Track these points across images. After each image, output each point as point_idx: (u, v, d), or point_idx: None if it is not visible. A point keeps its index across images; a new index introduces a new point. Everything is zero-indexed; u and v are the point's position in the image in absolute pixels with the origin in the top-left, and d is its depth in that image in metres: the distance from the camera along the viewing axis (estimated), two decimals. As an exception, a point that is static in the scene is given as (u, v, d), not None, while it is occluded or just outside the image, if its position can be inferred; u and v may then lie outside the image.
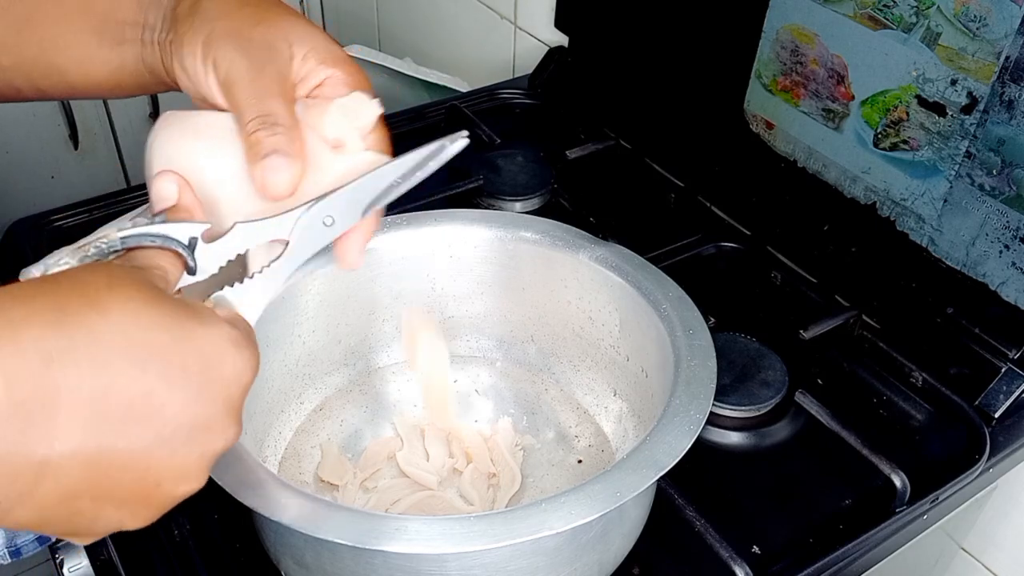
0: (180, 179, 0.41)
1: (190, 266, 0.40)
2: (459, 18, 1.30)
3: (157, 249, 0.39)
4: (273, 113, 0.44)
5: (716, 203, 0.87)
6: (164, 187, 0.41)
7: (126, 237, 0.38)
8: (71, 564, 0.59)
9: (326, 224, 0.43)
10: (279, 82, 0.45)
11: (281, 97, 0.45)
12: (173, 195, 0.41)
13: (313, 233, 0.43)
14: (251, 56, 0.45)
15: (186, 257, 0.39)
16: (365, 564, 0.47)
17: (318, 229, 0.43)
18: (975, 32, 0.62)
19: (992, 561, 0.82)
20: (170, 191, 0.41)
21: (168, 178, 0.41)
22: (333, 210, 0.43)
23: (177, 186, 0.41)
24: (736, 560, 0.54)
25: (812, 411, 0.65)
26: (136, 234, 0.38)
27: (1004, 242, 0.65)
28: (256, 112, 0.44)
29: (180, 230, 0.39)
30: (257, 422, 0.58)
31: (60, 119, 1.40)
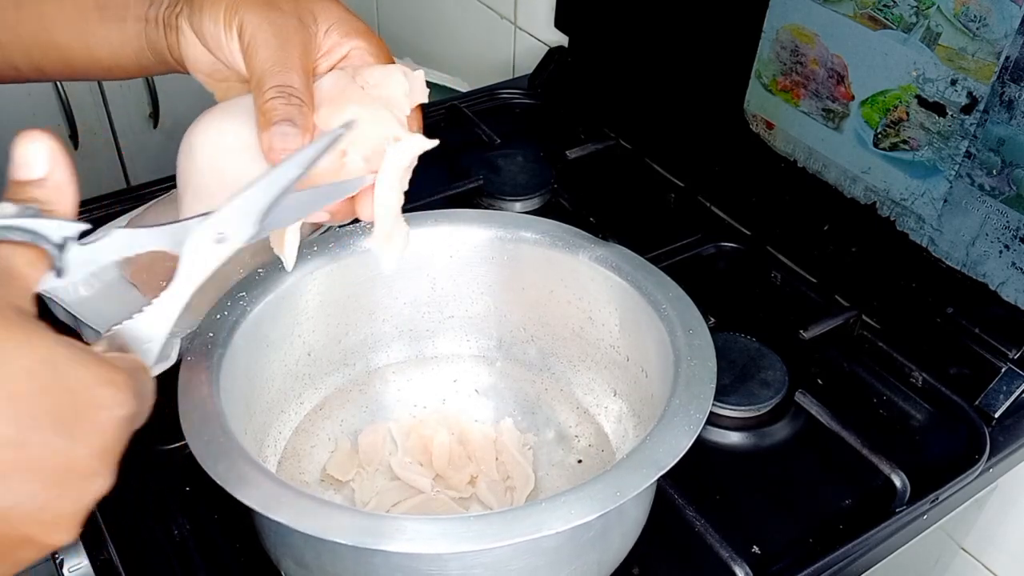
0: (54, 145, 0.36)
1: (57, 267, 0.35)
2: (459, 18, 1.30)
3: (21, 245, 0.34)
4: (292, 85, 0.45)
5: (716, 203, 0.87)
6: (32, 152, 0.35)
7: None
8: (71, 564, 0.59)
9: (218, 240, 0.40)
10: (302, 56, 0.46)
11: (302, 71, 0.45)
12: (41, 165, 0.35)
13: (204, 252, 0.39)
14: (277, 26, 0.46)
15: (54, 257, 0.35)
16: (365, 564, 0.47)
17: (209, 247, 0.39)
18: (975, 32, 0.62)
19: (992, 561, 0.82)
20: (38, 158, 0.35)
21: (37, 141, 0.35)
22: (225, 225, 0.40)
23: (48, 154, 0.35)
24: (736, 560, 0.54)
25: (812, 411, 0.65)
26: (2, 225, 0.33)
27: (1004, 242, 0.65)
28: (277, 81, 0.44)
29: (50, 227, 0.34)
30: (257, 422, 0.58)
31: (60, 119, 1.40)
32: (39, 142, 0.35)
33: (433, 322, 0.67)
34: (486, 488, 0.59)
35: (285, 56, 0.45)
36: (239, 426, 0.51)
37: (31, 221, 0.34)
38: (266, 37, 0.45)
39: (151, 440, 0.61)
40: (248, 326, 0.56)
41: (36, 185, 0.35)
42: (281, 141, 0.44)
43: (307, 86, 0.46)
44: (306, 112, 0.45)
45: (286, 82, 0.45)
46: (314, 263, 0.60)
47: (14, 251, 0.34)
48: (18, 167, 0.35)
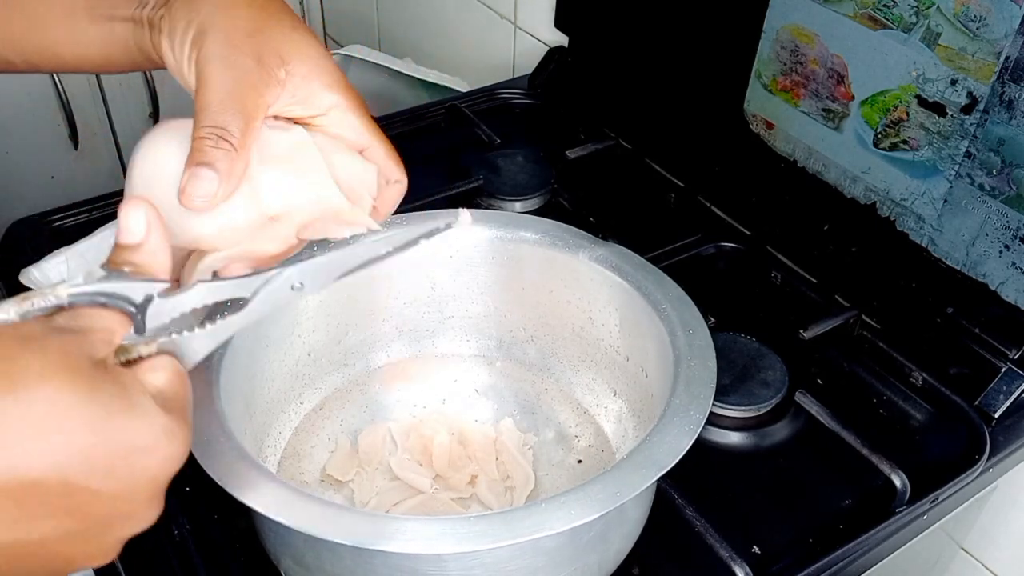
0: (151, 212, 0.38)
1: (139, 327, 0.37)
2: (459, 18, 1.30)
3: (103, 308, 0.36)
4: (226, 128, 0.43)
5: (716, 203, 0.87)
6: (133, 220, 0.38)
7: (75, 295, 0.35)
8: (71, 564, 0.58)
9: (294, 288, 0.41)
10: (250, 100, 0.44)
11: (243, 116, 0.44)
12: (140, 232, 0.38)
13: (279, 296, 0.41)
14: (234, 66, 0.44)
15: (136, 319, 0.37)
16: (365, 564, 0.47)
17: (284, 292, 0.41)
18: (975, 32, 0.62)
19: (992, 561, 0.82)
20: (138, 226, 0.38)
21: (138, 210, 0.38)
22: (304, 277, 0.41)
23: (147, 222, 0.38)
24: (736, 560, 0.54)
25: (812, 411, 0.65)
26: (87, 292, 0.36)
27: (1004, 242, 0.65)
28: (212, 121, 0.43)
29: (136, 288, 0.37)
30: (257, 422, 0.58)
31: (60, 119, 1.40)
32: (139, 209, 0.38)
33: (433, 322, 0.67)
34: (486, 488, 0.59)
35: (229, 97, 0.43)
36: (239, 426, 0.51)
37: (113, 284, 0.36)
38: (216, 76, 0.44)
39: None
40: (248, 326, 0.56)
41: (134, 250, 0.38)
42: (194, 185, 0.43)
43: (245, 131, 0.43)
44: (233, 158, 0.43)
45: (221, 124, 0.43)
46: (314, 263, 0.60)
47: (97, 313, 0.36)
48: (121, 232, 0.38)
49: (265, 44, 0.45)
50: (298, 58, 0.46)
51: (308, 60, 0.46)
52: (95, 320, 0.35)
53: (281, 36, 0.45)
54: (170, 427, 0.34)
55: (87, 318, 0.35)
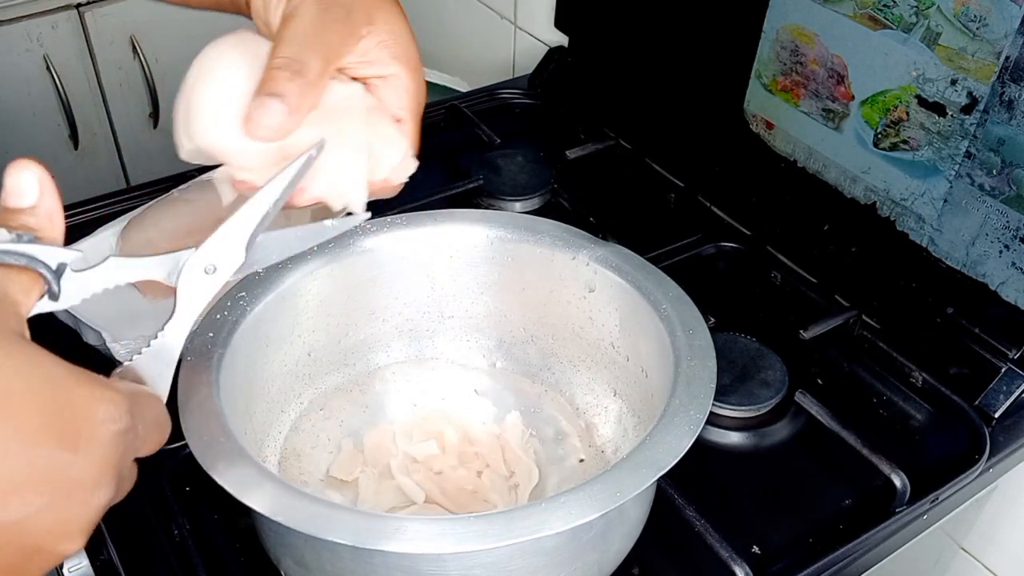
0: (43, 174, 0.37)
1: (53, 291, 0.37)
2: (459, 18, 1.30)
3: (16, 270, 0.35)
4: (305, 63, 0.43)
5: (716, 203, 0.87)
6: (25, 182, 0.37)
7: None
8: (71, 564, 0.58)
9: (207, 272, 0.42)
10: (332, 43, 0.45)
11: (323, 55, 0.44)
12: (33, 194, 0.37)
13: (197, 283, 0.42)
14: (325, 10, 0.45)
15: (50, 281, 0.36)
16: (365, 564, 0.47)
17: (200, 278, 0.42)
18: (975, 32, 0.62)
19: (992, 561, 0.82)
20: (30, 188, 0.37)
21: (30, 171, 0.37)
22: (214, 257, 0.42)
23: (39, 184, 0.37)
24: (736, 560, 0.54)
25: (812, 411, 0.65)
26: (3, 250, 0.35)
27: (1004, 242, 0.65)
28: (291, 53, 0.43)
29: (49, 254, 0.36)
30: (257, 422, 0.58)
31: (60, 119, 1.40)
32: (29, 171, 0.36)
33: (433, 322, 0.67)
34: (490, 485, 0.59)
35: (315, 36, 0.44)
36: (239, 426, 0.51)
37: (27, 246, 0.35)
38: (308, 13, 0.44)
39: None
40: (248, 326, 0.56)
41: (27, 213, 0.36)
42: (261, 113, 0.43)
43: (322, 72, 0.44)
44: (305, 94, 0.43)
45: (300, 58, 0.43)
46: (314, 263, 0.60)
47: (9, 276, 0.35)
48: (9, 195, 0.36)
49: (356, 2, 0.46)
50: (383, 22, 0.47)
51: (390, 28, 0.48)
52: (9, 282, 0.35)
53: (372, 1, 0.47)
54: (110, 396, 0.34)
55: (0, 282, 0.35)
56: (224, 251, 0.42)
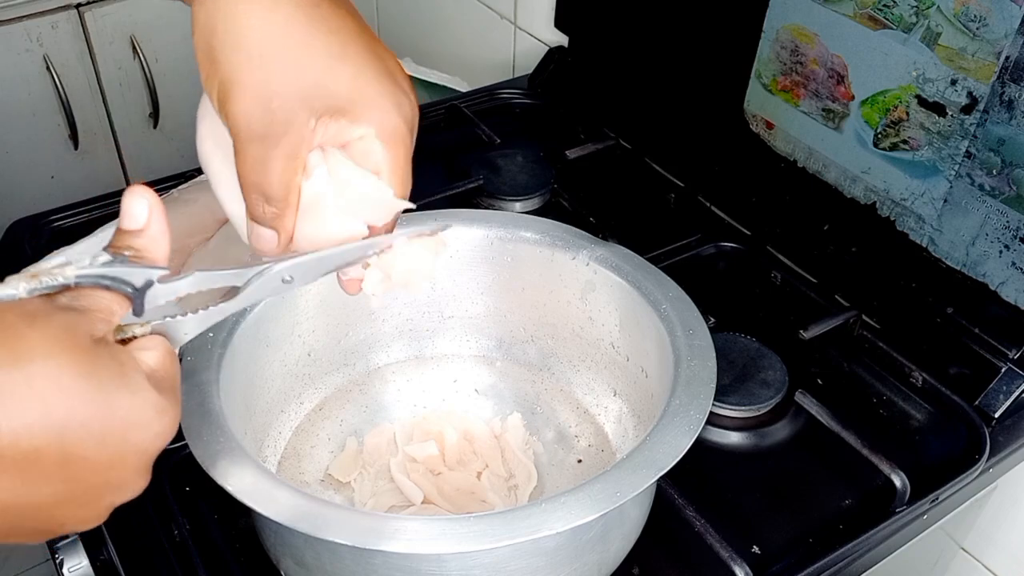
0: (153, 199, 0.40)
1: (137, 310, 0.39)
2: (459, 18, 1.30)
3: (106, 290, 0.38)
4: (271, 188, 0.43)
5: (716, 203, 0.87)
6: (136, 206, 0.39)
7: (81, 276, 0.37)
8: (71, 564, 0.59)
9: (284, 281, 0.44)
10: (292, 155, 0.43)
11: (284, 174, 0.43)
12: (142, 217, 0.39)
13: (270, 287, 0.44)
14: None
15: (135, 302, 0.39)
16: (365, 564, 0.47)
17: (275, 284, 0.44)
18: (975, 32, 0.62)
19: (992, 561, 0.82)
20: (141, 212, 0.39)
21: (141, 197, 0.39)
22: (295, 272, 0.44)
23: (148, 208, 0.39)
24: (736, 560, 0.54)
25: (812, 411, 0.65)
26: (91, 275, 0.38)
27: (1004, 242, 0.65)
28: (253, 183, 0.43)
29: (137, 274, 0.39)
30: (257, 422, 0.58)
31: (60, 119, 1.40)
32: (142, 196, 0.39)
33: (433, 322, 0.67)
34: (488, 487, 0.59)
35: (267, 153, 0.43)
36: (239, 426, 0.51)
37: (116, 268, 0.38)
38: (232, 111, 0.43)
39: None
40: (248, 326, 0.56)
41: (135, 235, 0.39)
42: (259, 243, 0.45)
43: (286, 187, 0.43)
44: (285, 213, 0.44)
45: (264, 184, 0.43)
46: (314, 263, 0.60)
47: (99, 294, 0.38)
48: (123, 217, 0.39)
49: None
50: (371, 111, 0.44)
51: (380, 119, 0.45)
52: (97, 301, 0.37)
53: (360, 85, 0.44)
54: (161, 405, 0.36)
55: (89, 298, 0.37)
56: (309, 271, 0.44)
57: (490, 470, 0.61)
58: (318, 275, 0.45)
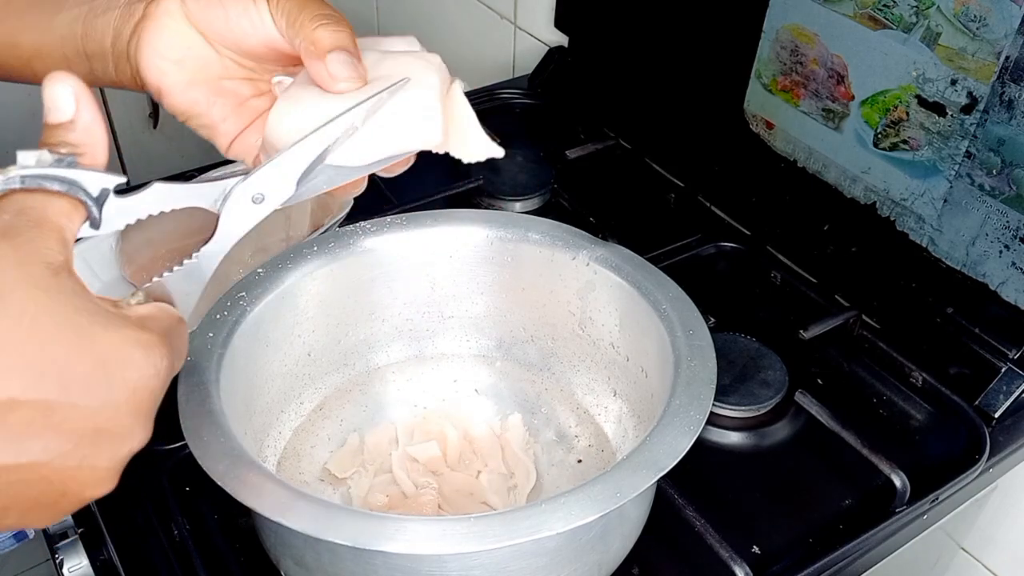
0: (79, 85, 0.36)
1: (94, 218, 0.36)
2: (459, 18, 1.30)
3: (56, 195, 0.34)
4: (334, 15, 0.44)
5: (716, 203, 0.87)
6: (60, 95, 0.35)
7: (26, 176, 0.33)
8: (71, 564, 0.59)
9: (255, 201, 0.41)
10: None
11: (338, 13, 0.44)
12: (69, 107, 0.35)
13: (241, 211, 0.41)
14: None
15: (91, 208, 0.35)
16: (365, 564, 0.47)
17: (247, 206, 0.41)
18: (975, 32, 0.62)
19: (992, 561, 0.82)
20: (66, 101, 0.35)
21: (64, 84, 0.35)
22: (263, 186, 0.41)
23: (74, 96, 0.35)
24: (736, 560, 0.54)
25: (812, 411, 0.65)
26: (39, 175, 0.33)
27: (1004, 242, 0.65)
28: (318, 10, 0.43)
29: (91, 179, 0.35)
30: (257, 422, 0.58)
31: (60, 119, 1.40)
32: (63, 83, 0.35)
33: (433, 322, 0.67)
34: (488, 486, 0.59)
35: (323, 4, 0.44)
36: (239, 426, 0.51)
37: (68, 171, 0.34)
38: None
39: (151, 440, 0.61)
40: (248, 326, 0.56)
41: (66, 128, 0.35)
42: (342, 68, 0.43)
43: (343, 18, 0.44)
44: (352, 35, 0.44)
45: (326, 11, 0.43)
46: (314, 263, 0.60)
47: (49, 201, 0.34)
48: (48, 110, 0.35)
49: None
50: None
51: None
52: (46, 208, 0.33)
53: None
54: (144, 339, 0.33)
55: (39, 207, 0.33)
56: (276, 182, 0.41)
57: (490, 469, 0.61)
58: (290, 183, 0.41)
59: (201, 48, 0.46)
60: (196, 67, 0.46)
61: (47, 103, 0.35)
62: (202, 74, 0.47)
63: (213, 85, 0.47)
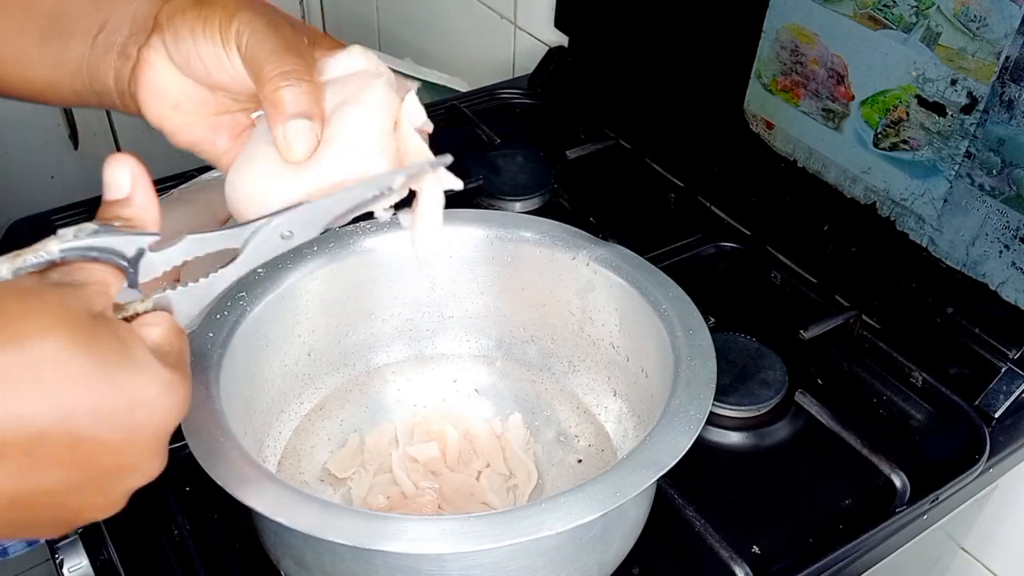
0: (136, 166, 0.39)
1: (132, 281, 0.38)
2: (459, 18, 1.30)
3: (97, 263, 0.36)
4: (297, 70, 0.43)
5: (716, 203, 0.87)
6: (118, 175, 0.38)
7: (66, 250, 0.36)
8: (71, 564, 0.59)
9: (283, 237, 0.42)
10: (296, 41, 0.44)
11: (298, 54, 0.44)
12: (126, 186, 0.38)
13: (269, 245, 0.42)
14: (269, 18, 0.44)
15: (128, 272, 0.38)
16: (365, 564, 0.47)
17: (274, 241, 0.42)
18: (975, 32, 0.62)
19: (992, 561, 0.82)
20: (124, 180, 0.38)
21: (123, 164, 0.38)
22: (294, 225, 0.42)
23: (131, 176, 0.38)
24: (736, 560, 0.54)
25: (812, 411, 0.65)
26: (78, 247, 0.36)
27: (1004, 242, 0.65)
28: (278, 67, 0.43)
29: (127, 243, 0.37)
30: (257, 422, 0.58)
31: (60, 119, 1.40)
32: (124, 164, 0.38)
33: (433, 322, 0.67)
34: (488, 486, 0.59)
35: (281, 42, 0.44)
36: (239, 426, 0.51)
37: (104, 238, 0.36)
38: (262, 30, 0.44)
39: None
40: (248, 326, 0.56)
41: (122, 204, 0.38)
42: (299, 141, 0.43)
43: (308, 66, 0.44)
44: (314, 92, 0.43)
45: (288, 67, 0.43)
46: (314, 263, 0.60)
47: (90, 267, 0.36)
48: (107, 187, 0.38)
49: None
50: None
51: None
52: (89, 274, 0.36)
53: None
54: (169, 380, 0.35)
55: (81, 272, 0.36)
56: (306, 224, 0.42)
57: (491, 469, 0.61)
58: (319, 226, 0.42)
59: (194, 90, 0.46)
60: (193, 109, 0.47)
61: (106, 180, 0.38)
62: (200, 114, 0.47)
63: (211, 122, 0.48)
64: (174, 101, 0.47)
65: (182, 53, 0.45)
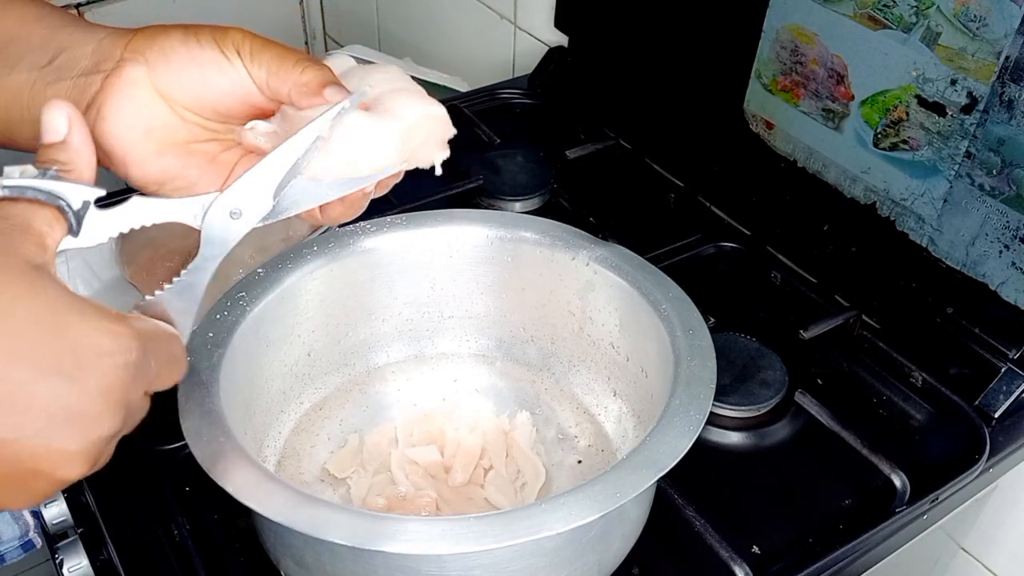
0: (73, 111, 0.39)
1: (73, 227, 0.38)
2: (459, 18, 1.30)
3: (39, 204, 0.37)
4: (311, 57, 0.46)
5: (716, 203, 0.87)
6: (55, 118, 0.39)
7: (10, 187, 0.36)
8: (71, 564, 0.59)
9: (233, 216, 0.42)
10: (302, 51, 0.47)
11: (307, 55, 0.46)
12: (63, 129, 0.39)
13: (221, 227, 0.42)
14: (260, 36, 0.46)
15: (70, 218, 0.38)
16: (365, 564, 0.47)
17: (226, 222, 0.42)
18: (975, 32, 0.62)
19: (992, 561, 0.82)
20: (60, 123, 0.39)
21: (60, 109, 0.39)
22: (238, 200, 0.42)
23: (68, 119, 0.39)
24: (736, 560, 0.54)
25: (812, 411, 0.65)
26: (20, 186, 0.36)
27: (1004, 242, 0.65)
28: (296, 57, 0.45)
29: (72, 190, 0.37)
30: (257, 422, 0.58)
31: (60, 119, 1.40)
32: (59, 109, 0.39)
33: (433, 322, 0.67)
34: (494, 488, 0.59)
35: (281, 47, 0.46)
36: (239, 426, 0.51)
37: (49, 182, 0.37)
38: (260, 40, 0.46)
39: (151, 440, 0.61)
40: (248, 326, 0.56)
41: (58, 148, 0.38)
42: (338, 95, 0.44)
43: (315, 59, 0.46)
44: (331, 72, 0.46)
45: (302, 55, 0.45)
46: (314, 263, 0.60)
47: (32, 209, 0.37)
48: (44, 131, 0.39)
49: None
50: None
51: None
52: (28, 216, 0.36)
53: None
54: (114, 329, 0.35)
55: (21, 215, 0.36)
56: (251, 196, 0.42)
57: (495, 470, 0.61)
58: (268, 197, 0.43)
59: (167, 116, 0.46)
60: (164, 135, 0.46)
61: (44, 125, 0.39)
62: (170, 141, 0.47)
63: (182, 149, 0.47)
64: (146, 127, 0.46)
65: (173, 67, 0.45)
